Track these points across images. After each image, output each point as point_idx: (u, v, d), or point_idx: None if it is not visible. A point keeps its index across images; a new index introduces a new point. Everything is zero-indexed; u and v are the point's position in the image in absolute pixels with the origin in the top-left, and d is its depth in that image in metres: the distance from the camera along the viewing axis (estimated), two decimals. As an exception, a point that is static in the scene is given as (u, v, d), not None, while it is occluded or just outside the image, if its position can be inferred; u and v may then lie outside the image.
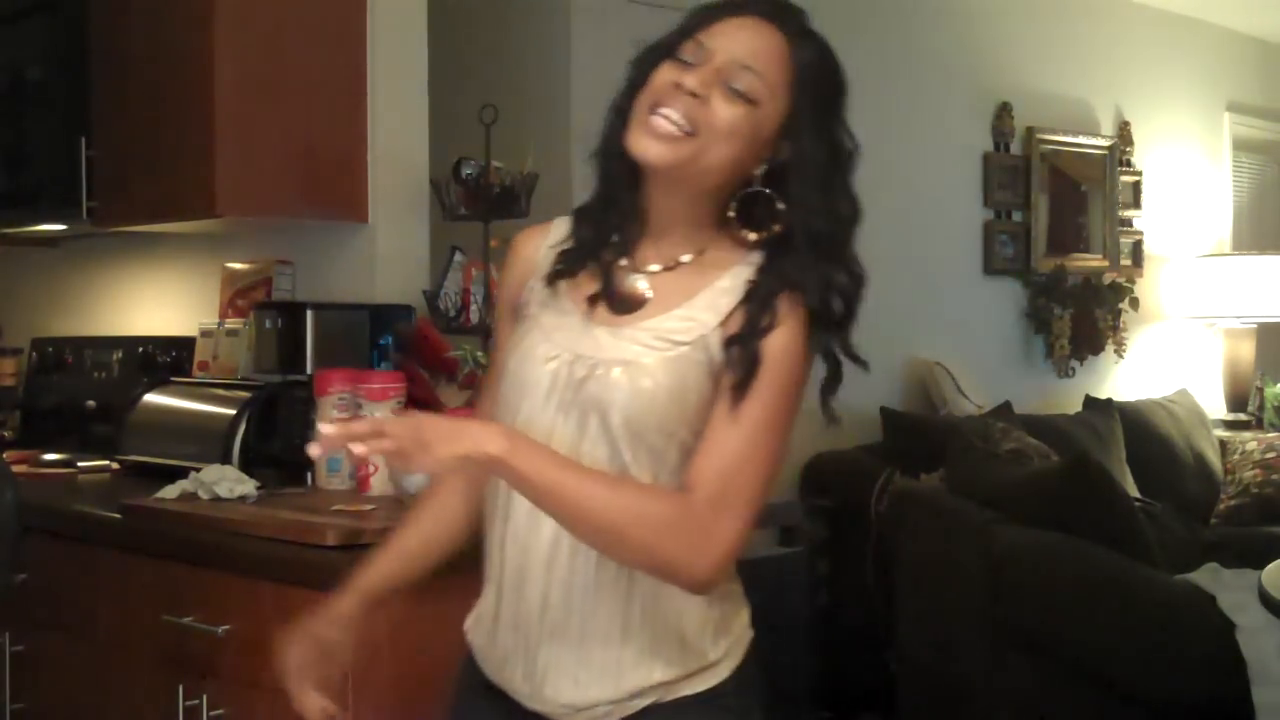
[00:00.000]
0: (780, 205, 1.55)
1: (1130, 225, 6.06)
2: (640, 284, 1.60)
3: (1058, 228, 5.70)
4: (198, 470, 2.55)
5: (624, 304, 1.59)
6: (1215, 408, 6.07)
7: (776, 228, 1.56)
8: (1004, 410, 4.86)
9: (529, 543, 1.56)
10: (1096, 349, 5.68)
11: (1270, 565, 3.14)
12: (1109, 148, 5.94)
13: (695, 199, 1.58)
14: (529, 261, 1.68)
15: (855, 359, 1.57)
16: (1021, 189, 5.56)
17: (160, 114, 3.00)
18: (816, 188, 1.55)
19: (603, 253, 1.62)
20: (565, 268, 1.63)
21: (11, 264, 4.09)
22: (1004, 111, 5.47)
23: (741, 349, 1.51)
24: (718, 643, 1.62)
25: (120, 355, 3.58)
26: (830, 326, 1.55)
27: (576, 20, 4.10)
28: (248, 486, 2.50)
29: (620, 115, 1.58)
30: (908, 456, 4.35)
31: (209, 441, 2.83)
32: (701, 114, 1.52)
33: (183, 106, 2.94)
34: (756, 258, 1.58)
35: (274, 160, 2.92)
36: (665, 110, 1.52)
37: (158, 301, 3.70)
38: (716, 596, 1.61)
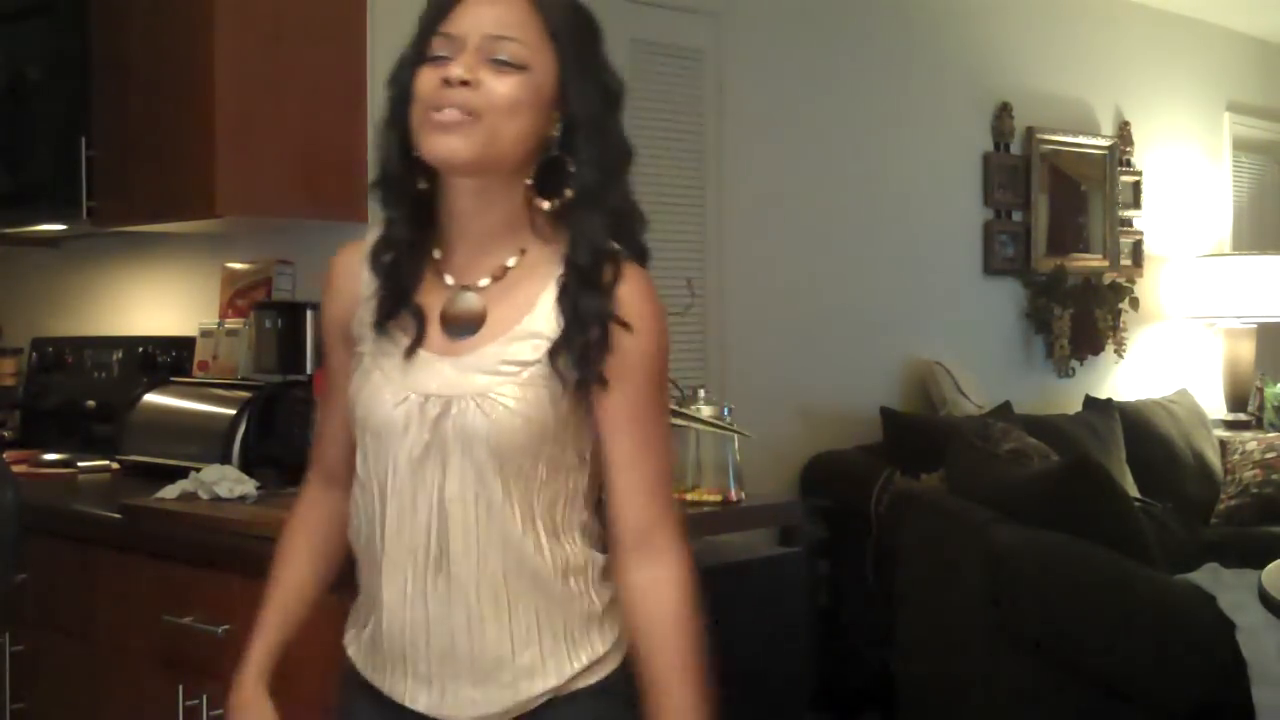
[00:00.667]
0: (571, 167, 1.54)
1: (1130, 225, 6.06)
2: (473, 301, 1.56)
3: (1058, 228, 5.69)
4: (198, 470, 2.56)
5: (463, 327, 1.56)
6: (1215, 408, 6.07)
7: (569, 192, 1.54)
8: (1004, 410, 4.86)
9: (407, 583, 1.56)
10: (1096, 349, 5.67)
11: (1270, 565, 3.14)
12: (1109, 148, 5.94)
13: (505, 193, 1.55)
14: (351, 285, 1.62)
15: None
16: (1021, 189, 5.56)
17: (160, 114, 3.00)
18: (595, 137, 1.55)
19: (421, 276, 1.56)
20: (390, 309, 1.56)
21: (11, 264, 4.09)
22: (1004, 111, 5.47)
23: (583, 358, 1.51)
24: (605, 637, 1.61)
25: (120, 355, 3.58)
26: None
27: (576, 20, 4.09)
28: (248, 486, 2.50)
29: (396, 133, 1.54)
30: (908, 456, 4.35)
31: (209, 441, 2.83)
32: (478, 97, 1.49)
33: (183, 106, 2.94)
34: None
35: (274, 160, 2.92)
36: (443, 106, 1.49)
37: (158, 301, 3.70)
38: (603, 595, 1.60)
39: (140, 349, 3.53)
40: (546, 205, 1.55)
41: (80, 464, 3.17)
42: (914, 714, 3.79)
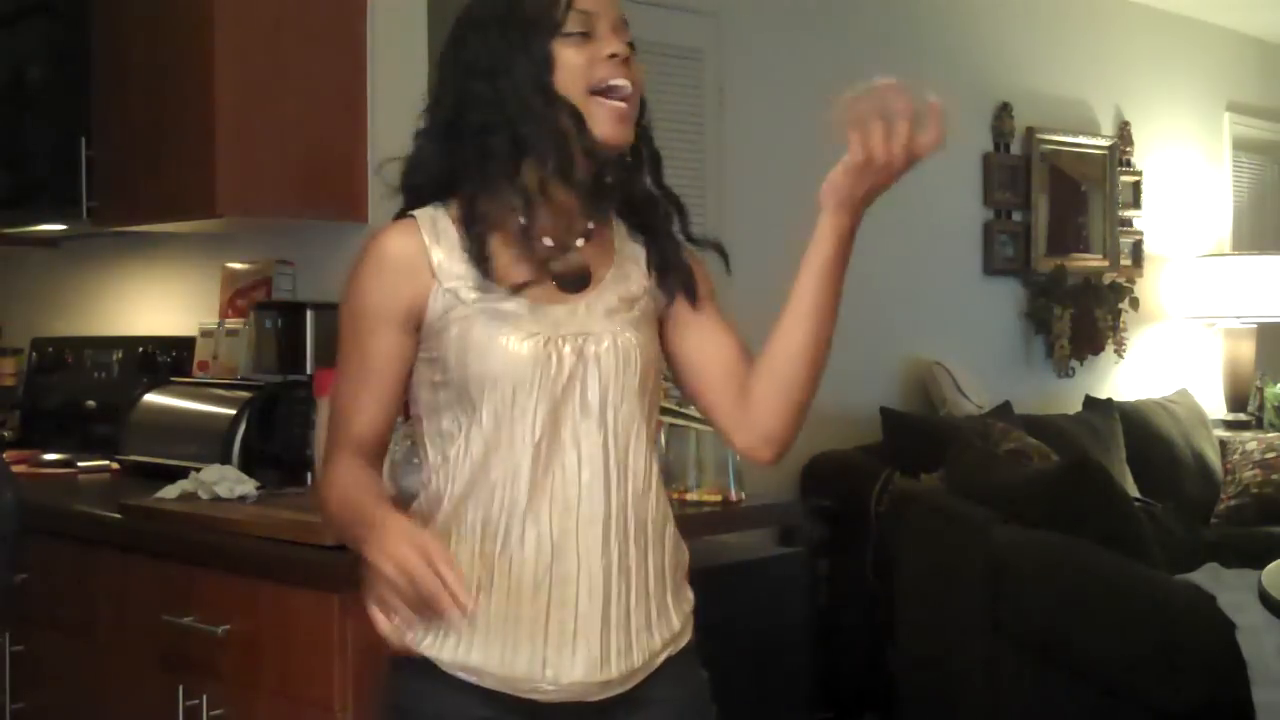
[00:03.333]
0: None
1: (1130, 225, 6.06)
2: (578, 260, 1.64)
3: (1058, 228, 5.70)
4: (198, 470, 2.55)
5: (573, 282, 1.63)
6: (1215, 408, 6.07)
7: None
8: (1004, 410, 4.86)
9: (552, 532, 1.56)
10: (1096, 349, 5.68)
11: (1270, 565, 3.14)
12: (1109, 148, 5.94)
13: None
14: (413, 266, 1.61)
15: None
16: (1021, 189, 5.56)
17: (160, 114, 3.00)
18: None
19: (518, 236, 1.61)
20: (487, 263, 1.59)
21: (11, 264, 4.09)
22: (1004, 111, 5.47)
23: (676, 275, 1.68)
24: (686, 592, 1.69)
25: (120, 355, 3.58)
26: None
27: (576, 20, 4.09)
28: (248, 486, 2.50)
29: (541, 98, 1.55)
30: (908, 456, 4.35)
31: (209, 441, 2.83)
32: (634, 73, 1.58)
33: (183, 106, 2.94)
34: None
35: (274, 160, 2.92)
36: (619, 85, 1.56)
37: (158, 301, 3.70)
38: (684, 546, 1.70)
39: (140, 349, 3.53)
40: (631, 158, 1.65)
41: (80, 464, 3.17)
42: (914, 714, 3.79)
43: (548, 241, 1.62)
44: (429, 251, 1.61)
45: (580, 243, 1.64)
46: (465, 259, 1.59)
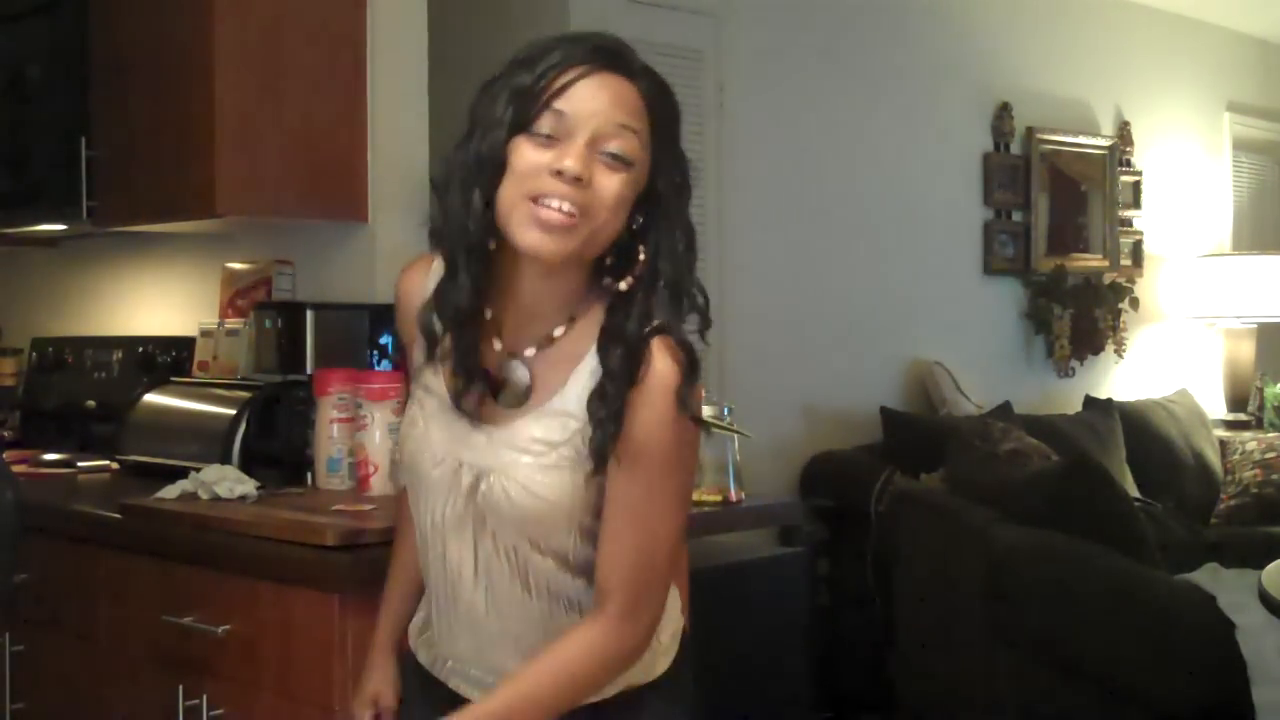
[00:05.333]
0: (642, 254, 1.51)
1: (1130, 225, 6.06)
2: (521, 372, 1.55)
3: (1058, 228, 5.70)
4: (198, 470, 2.55)
5: (508, 396, 1.56)
6: (1215, 408, 6.07)
7: (631, 276, 1.51)
8: (1004, 410, 4.86)
9: (454, 618, 1.63)
10: (1096, 349, 5.68)
11: (1270, 565, 3.14)
12: (1109, 148, 5.94)
13: (573, 273, 1.52)
14: (414, 306, 1.61)
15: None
16: (1021, 189, 5.56)
17: (160, 114, 3.00)
18: (676, 225, 1.52)
19: (468, 339, 1.54)
20: (455, 365, 1.55)
21: (11, 264, 4.09)
22: (1004, 111, 5.47)
23: (603, 421, 1.48)
24: (660, 639, 1.65)
25: (120, 355, 3.58)
26: (694, 366, 1.51)
27: (576, 20, 4.09)
28: (248, 486, 2.50)
29: (480, 191, 1.46)
30: (908, 456, 4.35)
31: (209, 441, 2.83)
32: (589, 197, 1.44)
33: (183, 106, 2.94)
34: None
35: (274, 160, 2.92)
36: (550, 201, 1.43)
37: (158, 301, 3.70)
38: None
39: (140, 349, 3.53)
40: (623, 286, 1.51)
41: (80, 464, 3.16)
42: (914, 714, 3.79)
43: (497, 344, 1.56)
44: (425, 293, 1.61)
45: (531, 351, 1.54)
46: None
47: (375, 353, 2.88)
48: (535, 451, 1.52)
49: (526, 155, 1.45)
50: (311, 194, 2.99)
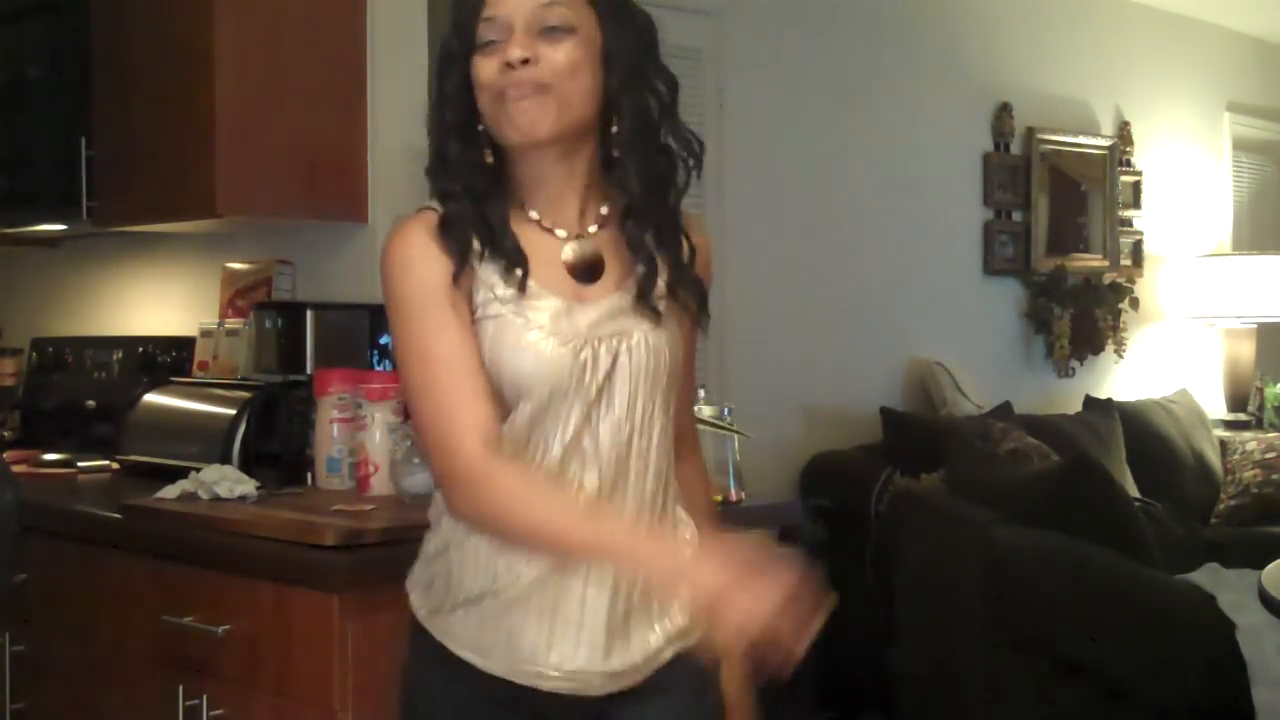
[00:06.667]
0: (616, 121, 1.61)
1: (1130, 225, 6.06)
2: (591, 247, 1.64)
3: (1058, 228, 5.70)
4: (198, 470, 2.55)
5: (586, 273, 1.63)
6: (1215, 408, 6.07)
7: (614, 132, 1.62)
8: (1004, 410, 4.86)
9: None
10: (1096, 349, 5.68)
11: (1270, 565, 3.14)
12: (1109, 148, 5.94)
13: (585, 150, 1.62)
14: (437, 255, 1.59)
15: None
16: (1021, 189, 5.56)
17: (160, 114, 3.00)
18: (639, 77, 1.62)
19: (498, 222, 1.60)
20: (523, 266, 1.59)
21: (11, 264, 4.09)
22: (1004, 111, 5.47)
23: (690, 293, 1.66)
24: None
25: (120, 355, 3.58)
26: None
27: (576, 20, 4.09)
28: (248, 486, 2.50)
29: (457, 115, 1.60)
30: (908, 456, 4.35)
31: (209, 441, 2.83)
32: (542, 70, 1.56)
33: (183, 106, 2.94)
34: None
35: (274, 160, 2.92)
36: (510, 91, 1.56)
37: (158, 301, 3.70)
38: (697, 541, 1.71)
39: (140, 349, 3.53)
40: (616, 154, 1.62)
41: (80, 464, 3.16)
42: (914, 714, 3.79)
43: (560, 233, 1.63)
44: (438, 249, 1.61)
45: (593, 229, 1.64)
46: (492, 257, 1.59)
47: (375, 353, 2.88)
48: (645, 314, 1.62)
49: (480, 66, 1.58)
50: (311, 194, 2.99)
